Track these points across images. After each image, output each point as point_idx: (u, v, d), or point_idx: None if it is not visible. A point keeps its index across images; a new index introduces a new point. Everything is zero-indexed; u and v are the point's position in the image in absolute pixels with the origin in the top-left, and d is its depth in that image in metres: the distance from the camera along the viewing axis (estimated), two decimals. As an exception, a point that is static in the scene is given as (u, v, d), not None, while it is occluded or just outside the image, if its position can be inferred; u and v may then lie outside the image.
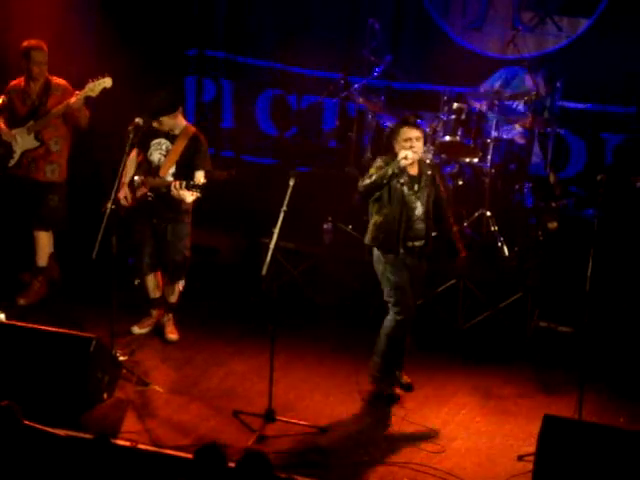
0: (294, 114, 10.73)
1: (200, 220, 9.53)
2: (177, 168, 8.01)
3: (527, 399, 7.83)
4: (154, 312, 8.40)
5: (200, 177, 7.94)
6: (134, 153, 8.08)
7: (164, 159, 8.03)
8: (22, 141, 8.45)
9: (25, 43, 8.47)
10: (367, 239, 7.47)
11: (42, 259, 8.67)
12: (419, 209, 7.33)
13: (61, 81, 8.55)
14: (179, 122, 8.06)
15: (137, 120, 7.91)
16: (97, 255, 7.46)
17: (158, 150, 8.06)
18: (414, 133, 7.23)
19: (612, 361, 8.28)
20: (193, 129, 8.11)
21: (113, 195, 7.78)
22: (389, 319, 7.47)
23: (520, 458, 7.00)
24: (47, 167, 8.53)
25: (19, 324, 8.16)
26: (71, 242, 8.98)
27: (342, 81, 9.97)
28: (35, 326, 7.96)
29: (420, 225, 7.37)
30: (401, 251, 7.34)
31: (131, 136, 7.86)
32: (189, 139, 8.03)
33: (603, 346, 8.28)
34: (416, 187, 7.32)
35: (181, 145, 8.02)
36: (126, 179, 7.99)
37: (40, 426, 6.03)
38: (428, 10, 10.24)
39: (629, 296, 8.78)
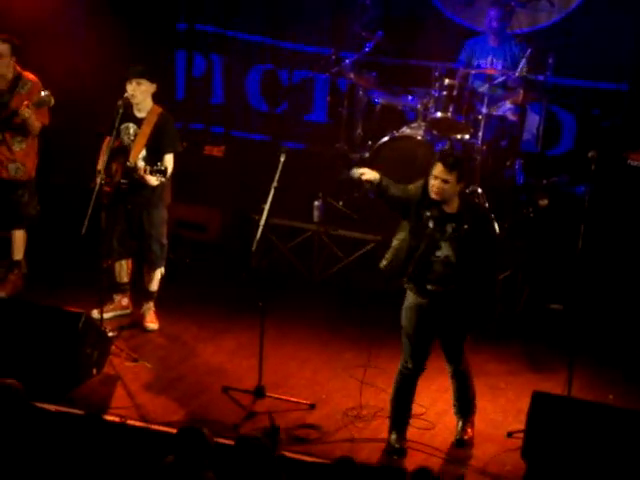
0: (285, 90, 10.67)
1: (189, 196, 9.55)
2: (147, 151, 7.92)
3: (516, 376, 7.84)
4: (117, 297, 8.33)
5: (168, 161, 7.88)
6: (107, 139, 7.99)
7: (132, 144, 7.96)
8: None
9: None
10: (382, 263, 6.79)
11: (18, 253, 8.58)
12: (443, 250, 6.57)
13: (31, 77, 8.26)
14: (148, 101, 7.96)
15: (127, 94, 7.88)
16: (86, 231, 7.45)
17: (126, 135, 7.97)
18: (443, 174, 6.49)
19: (602, 338, 8.29)
20: (160, 109, 8.00)
21: (102, 169, 7.75)
22: (399, 365, 6.92)
23: (509, 434, 7.02)
24: (10, 165, 8.31)
25: (8, 299, 8.18)
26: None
27: (333, 56, 9.90)
28: (24, 301, 7.97)
29: (444, 269, 6.59)
30: (408, 285, 6.70)
31: (120, 111, 7.82)
32: (156, 121, 7.93)
33: (593, 323, 8.29)
34: (448, 227, 6.57)
35: (148, 128, 7.92)
36: (100, 166, 7.87)
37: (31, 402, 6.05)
38: (420, -15, 10.19)
39: (619, 273, 8.78)
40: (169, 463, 5.73)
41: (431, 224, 6.58)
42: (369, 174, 6.65)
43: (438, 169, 6.54)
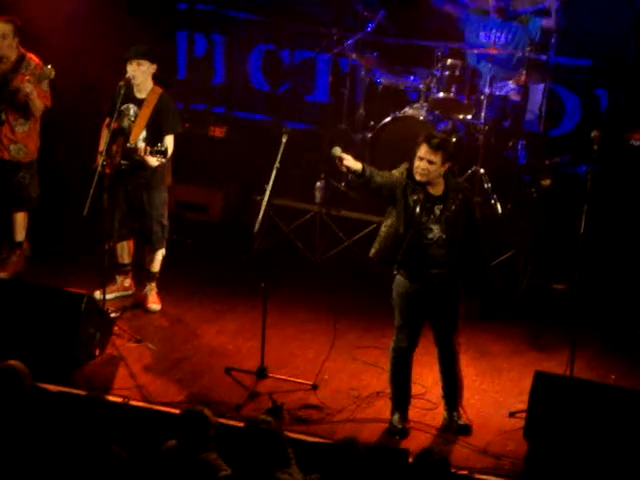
0: (287, 70, 10.64)
1: (191, 177, 9.54)
2: (148, 132, 7.90)
3: (519, 356, 7.85)
4: (119, 278, 8.33)
5: (168, 142, 7.86)
6: (108, 120, 7.97)
7: (133, 125, 7.93)
8: None
9: None
10: (371, 252, 6.76)
11: (19, 235, 8.57)
12: (435, 232, 6.58)
13: (34, 59, 8.23)
14: (149, 82, 7.94)
15: (127, 75, 7.85)
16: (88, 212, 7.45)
17: (127, 116, 7.94)
18: (429, 155, 6.50)
19: (604, 318, 8.29)
20: (160, 90, 7.98)
21: (104, 151, 7.73)
22: (392, 342, 6.91)
23: (512, 414, 7.03)
24: (12, 147, 8.29)
25: (10, 279, 8.19)
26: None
27: (335, 37, 9.88)
28: (26, 282, 7.98)
29: (437, 251, 6.59)
30: (399, 272, 6.67)
31: (122, 91, 7.80)
32: (157, 101, 7.91)
33: (595, 303, 8.29)
34: (436, 209, 6.59)
35: (149, 108, 7.90)
36: (102, 147, 7.85)
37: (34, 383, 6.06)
38: (422, -36, 10.13)
39: (622, 253, 8.77)
40: (171, 447, 5.74)
41: (418, 208, 6.57)
42: (349, 161, 6.59)
43: (423, 150, 6.53)
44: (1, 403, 5.60)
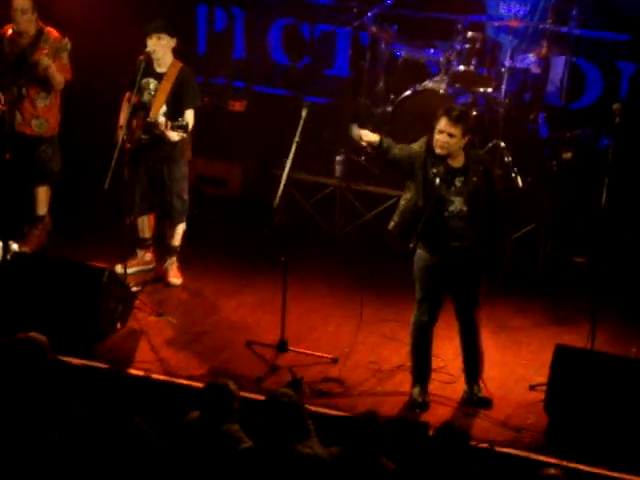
0: (306, 44, 10.61)
1: (211, 151, 9.55)
2: (168, 106, 7.90)
3: (539, 329, 7.84)
4: (140, 252, 8.35)
5: (189, 116, 7.86)
6: (128, 95, 7.98)
7: (153, 99, 7.94)
8: (9, 94, 8.19)
9: None
10: (390, 225, 6.77)
11: (41, 209, 8.59)
12: (456, 205, 6.56)
13: (53, 33, 8.23)
14: (169, 56, 7.93)
15: (148, 49, 7.85)
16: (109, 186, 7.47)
17: (147, 90, 7.94)
18: (448, 128, 6.47)
19: (625, 291, 8.26)
20: (180, 64, 7.97)
21: (124, 125, 7.75)
22: (413, 315, 6.92)
23: (532, 388, 7.03)
24: (33, 121, 8.31)
25: (32, 254, 8.23)
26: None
27: (355, 10, 9.83)
28: (48, 256, 8.02)
29: (458, 223, 6.57)
30: (419, 245, 6.65)
31: (142, 66, 7.81)
32: (177, 76, 7.91)
33: (616, 276, 8.26)
34: (457, 181, 6.57)
35: (169, 83, 7.89)
36: (122, 121, 7.87)
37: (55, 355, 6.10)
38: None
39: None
40: (194, 418, 5.78)
41: (437, 181, 6.55)
42: (368, 136, 6.63)
43: (443, 123, 6.51)
44: (22, 374, 5.63)
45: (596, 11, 9.59)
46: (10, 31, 8.27)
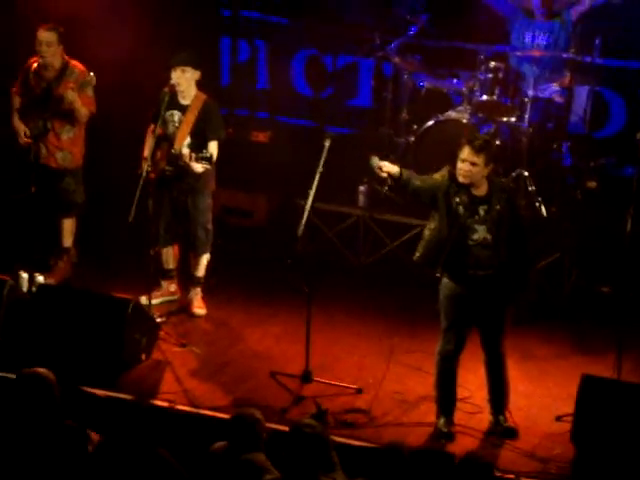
0: (329, 74, 10.66)
1: (235, 182, 9.58)
2: (192, 138, 7.95)
3: (565, 359, 7.79)
4: (164, 283, 8.38)
5: (213, 148, 7.89)
6: (152, 127, 8.03)
7: (177, 131, 7.98)
8: (34, 127, 8.28)
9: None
10: (415, 255, 6.79)
11: (67, 241, 8.64)
12: (480, 233, 6.56)
13: (78, 66, 8.31)
14: (193, 88, 7.98)
15: (172, 81, 7.91)
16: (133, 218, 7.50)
17: (171, 122, 7.99)
18: (471, 157, 6.49)
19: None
20: (204, 96, 8.02)
21: (149, 157, 7.80)
22: (438, 345, 6.88)
23: (558, 418, 6.98)
24: (58, 154, 8.37)
25: (57, 285, 8.27)
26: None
27: (378, 40, 9.87)
28: (73, 287, 8.05)
29: (482, 252, 6.56)
30: (444, 274, 6.67)
31: (166, 98, 7.86)
32: (201, 108, 7.95)
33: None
34: (480, 210, 6.57)
35: (193, 115, 7.94)
36: (147, 153, 7.93)
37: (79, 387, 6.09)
38: (464, -33, 10.10)
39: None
40: (220, 448, 5.76)
41: (461, 210, 6.56)
42: (388, 167, 6.64)
43: (465, 152, 6.52)
44: (27, 410, 5.55)
45: (619, 40, 9.58)
46: (35, 64, 8.35)
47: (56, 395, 5.64)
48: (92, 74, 8.17)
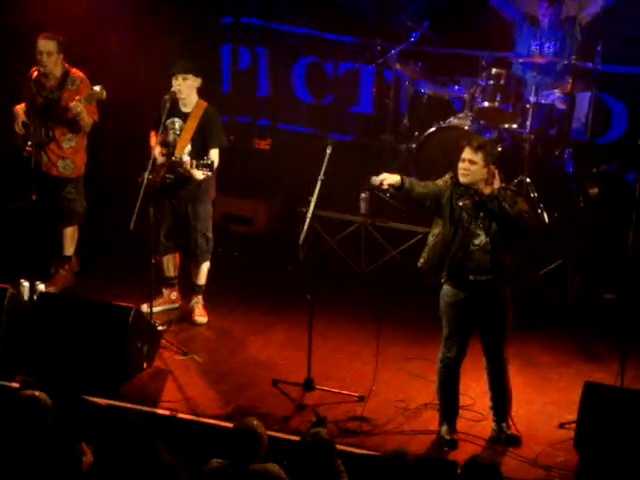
0: (330, 81, 10.66)
1: (236, 189, 9.57)
2: (193, 146, 7.94)
3: (568, 366, 7.77)
4: (166, 291, 8.36)
5: (214, 155, 7.89)
6: (154, 134, 8.01)
7: (178, 138, 7.97)
8: (36, 136, 8.22)
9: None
10: (419, 262, 6.79)
11: (68, 249, 8.63)
12: (481, 238, 6.57)
13: (79, 74, 8.29)
14: (194, 96, 7.97)
15: (173, 89, 7.90)
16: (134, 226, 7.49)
17: (172, 130, 7.99)
18: (470, 156, 6.52)
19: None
20: (205, 104, 8.00)
21: (150, 164, 7.79)
22: (440, 353, 6.87)
23: (561, 425, 6.96)
24: (59, 162, 8.36)
25: (58, 294, 8.26)
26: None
27: (379, 47, 9.87)
28: (74, 295, 8.04)
29: (483, 256, 6.56)
30: (446, 281, 6.66)
31: (167, 105, 7.85)
32: (202, 115, 7.94)
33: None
34: (481, 214, 6.58)
35: (194, 123, 7.93)
36: (147, 161, 7.89)
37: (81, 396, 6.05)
38: (465, -27, 10.12)
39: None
40: (220, 464, 5.69)
41: (464, 215, 6.58)
42: (389, 178, 6.65)
43: (465, 151, 6.59)
44: (20, 432, 5.53)
45: (621, 46, 9.58)
46: (36, 73, 8.34)
47: (50, 419, 5.60)
48: (101, 86, 8.10)
